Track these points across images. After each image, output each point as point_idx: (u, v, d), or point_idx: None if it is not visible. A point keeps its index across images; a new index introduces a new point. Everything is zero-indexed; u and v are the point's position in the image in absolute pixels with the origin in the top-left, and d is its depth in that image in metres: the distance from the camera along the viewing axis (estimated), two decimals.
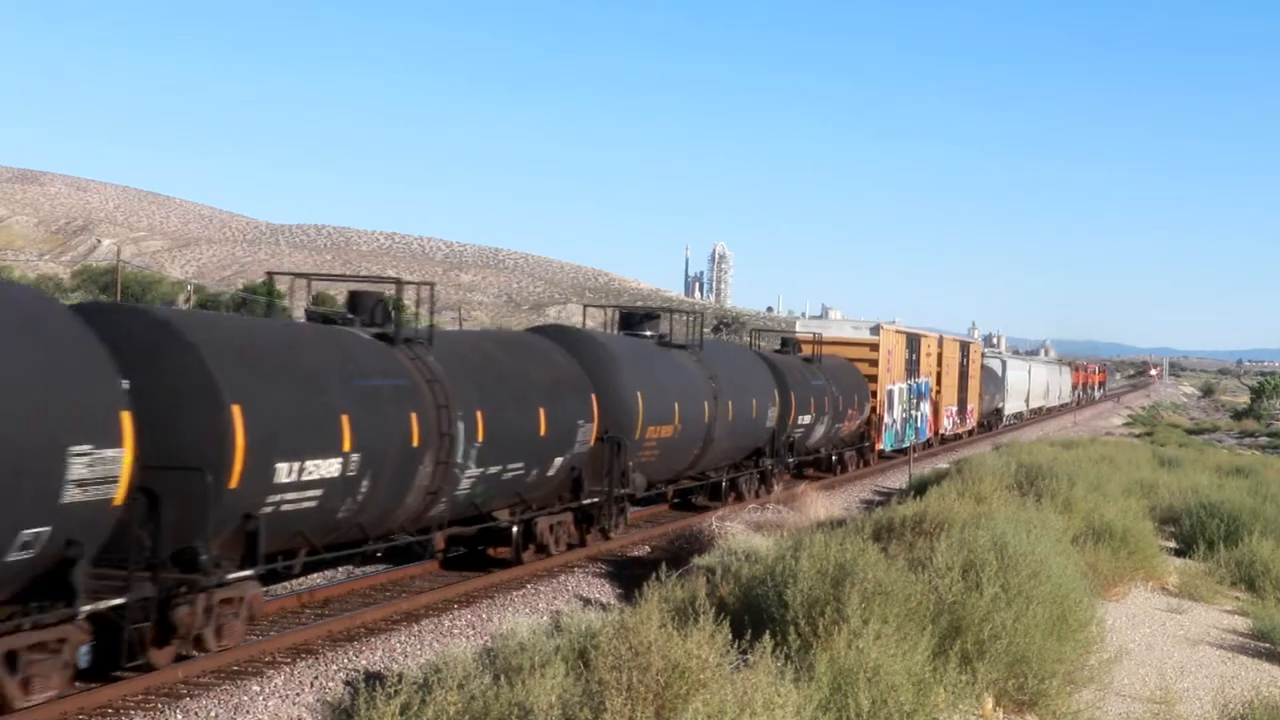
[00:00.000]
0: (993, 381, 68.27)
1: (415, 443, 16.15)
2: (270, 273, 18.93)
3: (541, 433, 19.31)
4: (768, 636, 10.77)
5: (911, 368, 46.23)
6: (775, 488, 31.73)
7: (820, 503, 26.49)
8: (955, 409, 55.33)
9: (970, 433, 60.27)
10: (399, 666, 13.17)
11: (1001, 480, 25.00)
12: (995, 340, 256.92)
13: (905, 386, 45.02)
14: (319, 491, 14.49)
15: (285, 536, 14.44)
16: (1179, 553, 24.77)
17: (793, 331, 40.82)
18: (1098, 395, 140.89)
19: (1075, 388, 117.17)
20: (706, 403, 26.08)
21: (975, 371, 59.96)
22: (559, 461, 20.11)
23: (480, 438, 17.61)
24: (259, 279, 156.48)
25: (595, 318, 30.61)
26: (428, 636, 15.46)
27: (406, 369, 16.63)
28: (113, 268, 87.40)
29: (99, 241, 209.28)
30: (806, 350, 37.13)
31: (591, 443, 21.15)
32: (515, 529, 19.65)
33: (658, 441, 23.75)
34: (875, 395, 41.13)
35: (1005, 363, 76.70)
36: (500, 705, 9.30)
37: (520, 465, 18.96)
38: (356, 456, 14.93)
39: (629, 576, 19.29)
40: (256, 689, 12.86)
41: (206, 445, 12.93)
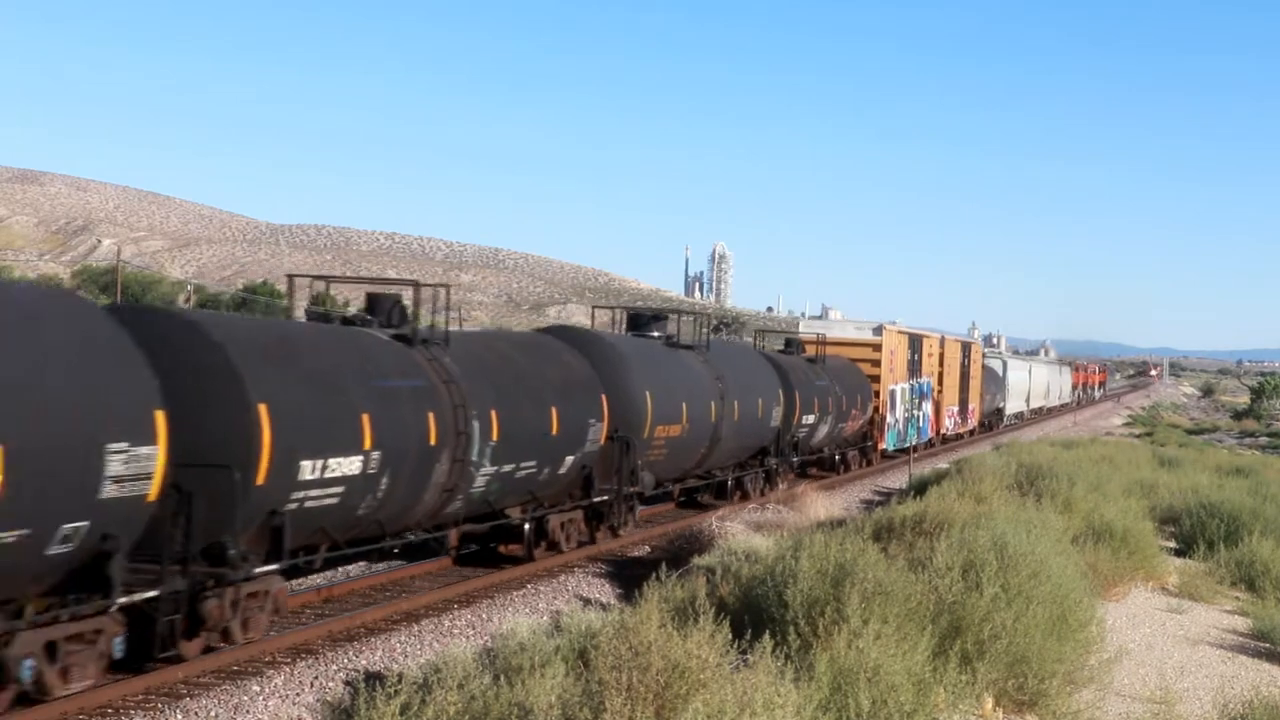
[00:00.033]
0: (994, 381, 68.52)
1: (433, 441, 16.48)
2: (290, 275, 19.44)
3: (554, 432, 19.63)
4: (768, 636, 10.77)
5: (914, 368, 46.44)
6: (780, 487, 31.92)
7: (820, 503, 26.50)
8: (957, 409, 55.56)
9: (971, 432, 60.49)
10: (399, 666, 13.17)
11: (1001, 480, 25.01)
12: (995, 340, 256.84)
13: (907, 386, 45.21)
14: (341, 489, 14.84)
15: (308, 532, 14.79)
16: (1179, 553, 24.77)
17: (796, 332, 41.12)
18: (1098, 395, 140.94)
19: (1075, 388, 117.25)
20: (713, 403, 26.39)
21: (976, 372, 60.27)
22: (570, 460, 20.45)
23: (495, 436, 17.94)
24: (259, 279, 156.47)
25: (599, 318, 30.66)
26: (428, 636, 15.46)
27: (424, 369, 16.97)
28: (113, 268, 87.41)
29: (99, 241, 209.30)
30: (810, 350, 37.32)
31: (602, 442, 21.50)
32: (527, 526, 19.91)
33: (666, 441, 24.06)
34: (878, 395, 41.38)
35: (1006, 363, 77.03)
36: (500, 705, 9.30)
37: (533, 463, 19.28)
38: (377, 455, 15.27)
39: (629, 576, 19.29)
40: (256, 689, 12.86)
41: (234, 443, 13.28)
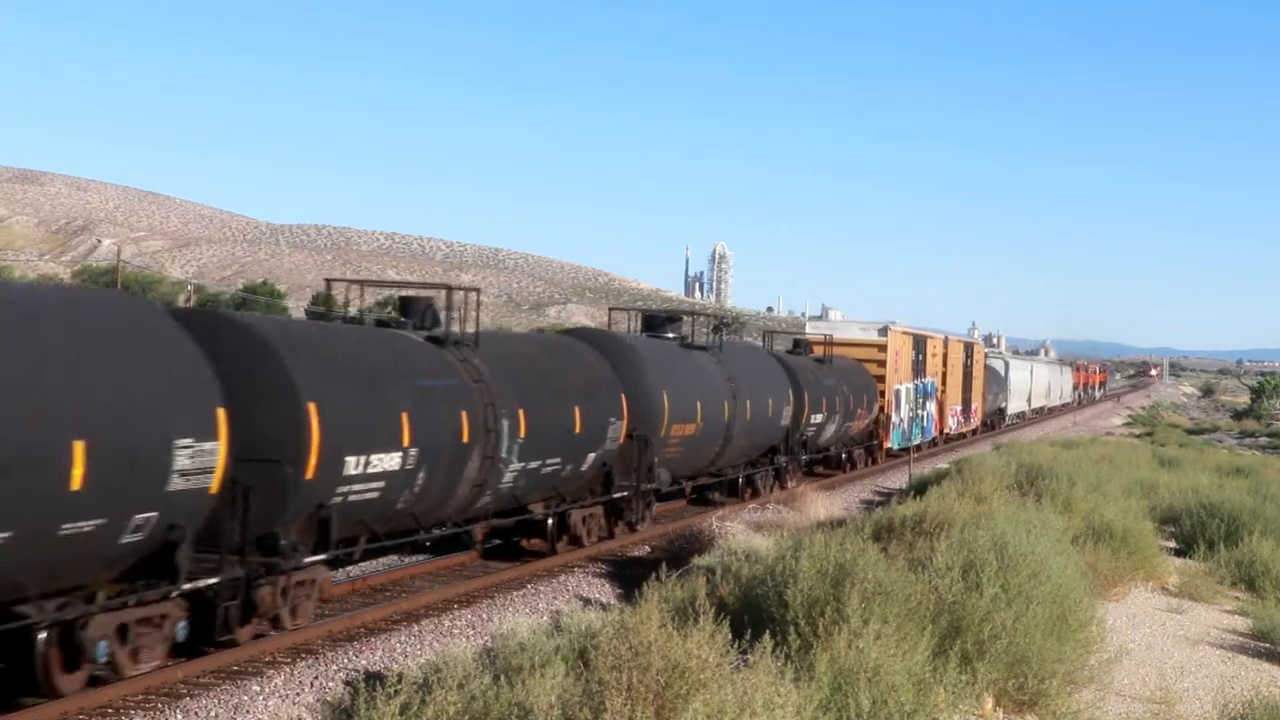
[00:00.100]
0: (996, 381, 69.05)
1: (465, 439, 17.17)
2: (328, 279, 20.47)
3: (577, 430, 20.34)
4: (768, 636, 10.76)
5: (918, 368, 46.87)
6: (789, 484, 32.39)
7: (820, 503, 26.51)
8: (960, 408, 56.02)
9: (974, 432, 60.95)
10: (399, 666, 13.17)
11: (1001, 480, 25.00)
12: (995, 340, 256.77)
13: (912, 386, 45.64)
14: (381, 483, 15.56)
15: (351, 524, 15.48)
16: (1179, 553, 24.77)
17: (804, 333, 41.87)
18: (1098, 395, 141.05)
19: (1076, 388, 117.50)
20: (726, 402, 27.00)
21: (979, 372, 60.77)
22: (592, 457, 21.16)
23: (522, 434, 18.61)
24: (259, 279, 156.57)
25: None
26: (428, 636, 15.47)
27: (456, 370, 17.66)
28: (113, 268, 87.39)
29: (99, 241, 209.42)
30: (818, 351, 37.99)
31: (621, 440, 22.20)
32: (550, 521, 20.65)
33: (681, 439, 24.75)
34: (883, 395, 41.86)
35: (1008, 363, 77.62)
36: (500, 705, 9.29)
37: (557, 460, 19.97)
38: (414, 451, 15.99)
39: (629, 576, 19.29)
40: (256, 689, 12.86)
41: (286, 440, 13.96)
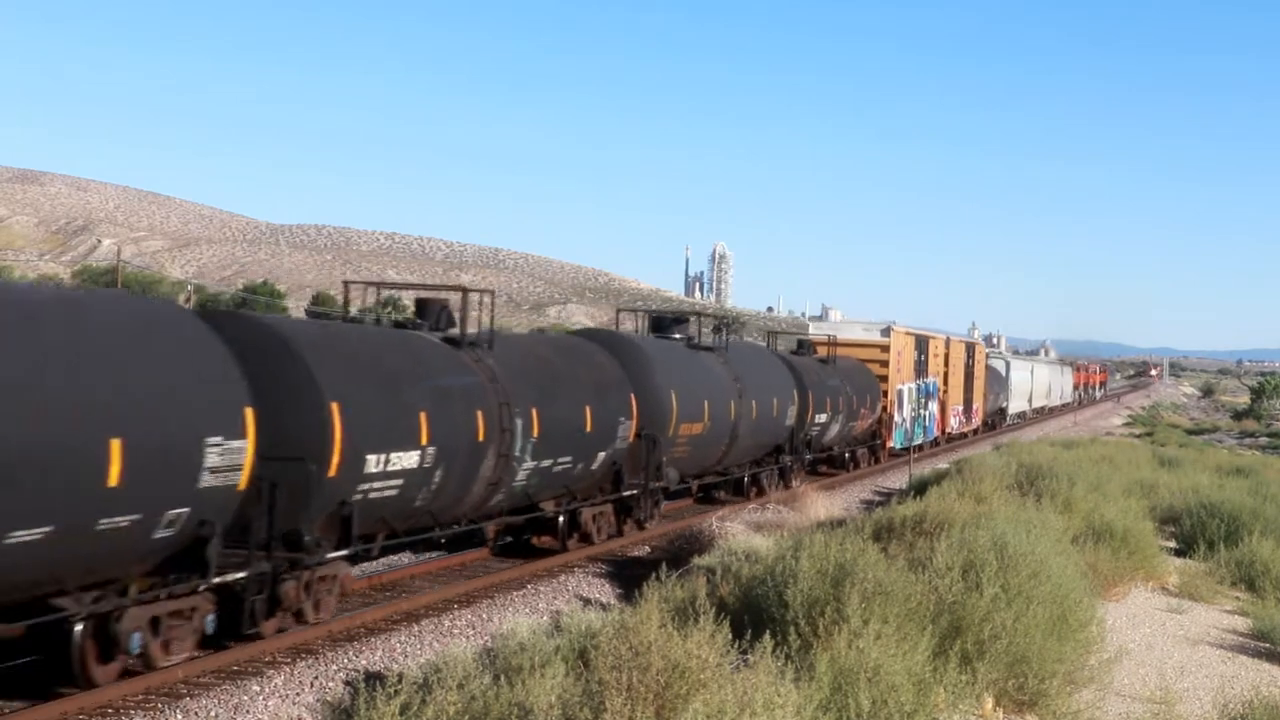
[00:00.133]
0: (997, 381, 69.50)
1: (481, 438, 17.54)
2: (346, 281, 20.50)
3: (588, 429, 20.69)
4: (768, 636, 10.75)
5: (920, 368, 47.25)
6: (794, 483, 32.75)
7: (820, 503, 26.51)
8: (961, 408, 56.39)
9: (975, 431, 61.31)
10: (399, 666, 13.17)
11: (1002, 480, 24.99)
12: (995, 340, 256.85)
13: (914, 386, 46.02)
14: (400, 481, 15.90)
15: (371, 521, 15.80)
16: (1179, 553, 24.75)
17: (807, 333, 42.35)
18: (1098, 395, 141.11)
19: (1077, 388, 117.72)
20: (732, 402, 27.42)
21: (980, 372, 61.19)
22: (602, 456, 21.55)
23: (535, 433, 18.95)
24: (259, 279, 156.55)
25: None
26: (428, 636, 15.47)
27: (472, 370, 18.01)
28: (113, 268, 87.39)
29: (99, 241, 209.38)
30: (822, 351, 38.36)
31: (631, 439, 22.57)
32: (561, 519, 21.04)
33: (689, 438, 25.16)
34: (886, 395, 42.28)
35: (1009, 363, 78.14)
36: (500, 705, 9.29)
37: (569, 459, 20.33)
38: (432, 450, 16.34)
39: (629, 576, 19.29)
40: (256, 689, 12.86)
41: (310, 439, 14.29)
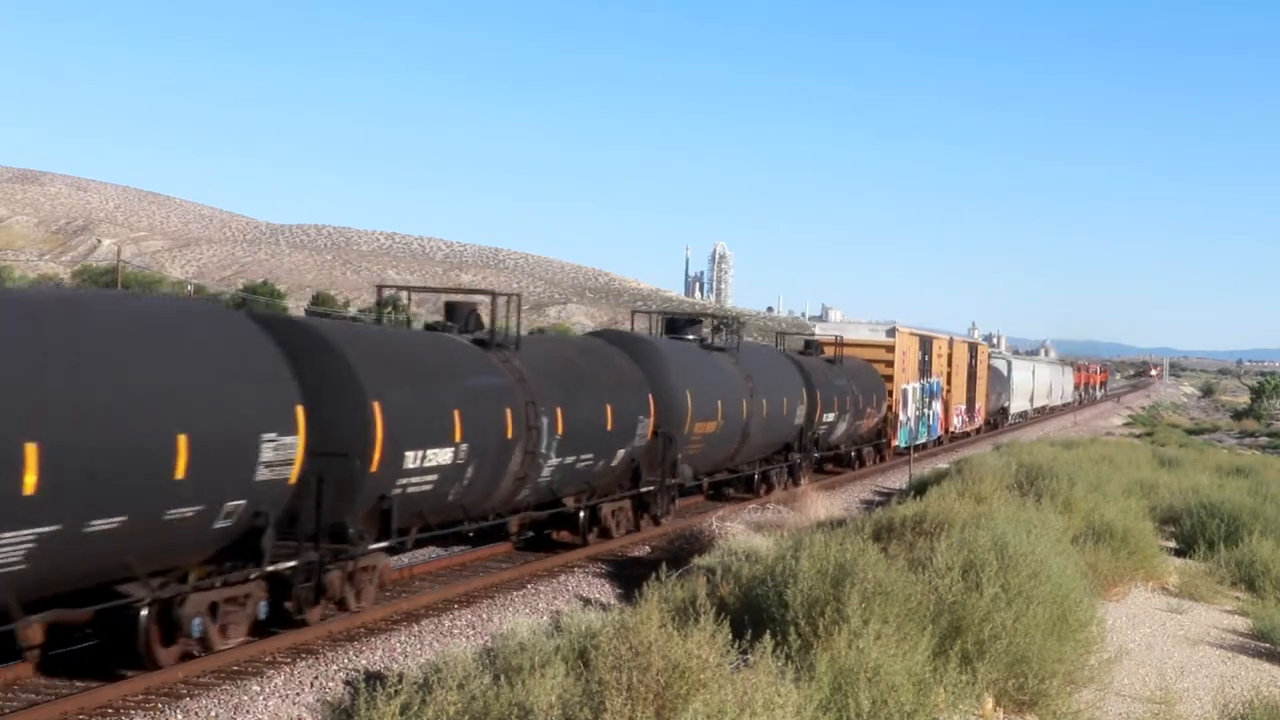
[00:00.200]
0: (999, 381, 70.31)
1: (509, 435, 18.25)
2: (380, 285, 21.78)
3: (608, 427, 21.42)
4: (768, 636, 10.75)
5: (924, 368, 47.92)
6: (802, 480, 33.30)
7: (820, 503, 26.51)
8: (964, 407, 57.12)
9: (978, 430, 62.05)
10: (399, 666, 13.16)
11: (1002, 480, 25.00)
12: (995, 340, 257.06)
13: (918, 386, 46.66)
14: (435, 476, 16.59)
15: (409, 515, 16.50)
16: (1179, 553, 24.76)
17: (814, 334, 43.48)
18: (1099, 395, 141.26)
19: (1077, 387, 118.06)
20: (744, 401, 28.11)
21: (983, 372, 61.98)
22: (621, 453, 22.27)
23: (560, 431, 19.65)
24: (259, 279, 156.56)
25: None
26: (428, 636, 15.46)
27: (500, 370, 18.73)
28: (113, 268, 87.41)
29: (99, 241, 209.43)
30: (828, 352, 39.09)
31: (648, 437, 23.27)
32: (582, 514, 21.70)
33: (703, 436, 25.85)
34: (891, 394, 42.95)
35: (1011, 363, 79.02)
36: (500, 705, 9.29)
37: (591, 456, 21.06)
38: (465, 446, 17.02)
39: (629, 576, 19.29)
40: (256, 689, 12.85)
41: (354, 435, 14.96)
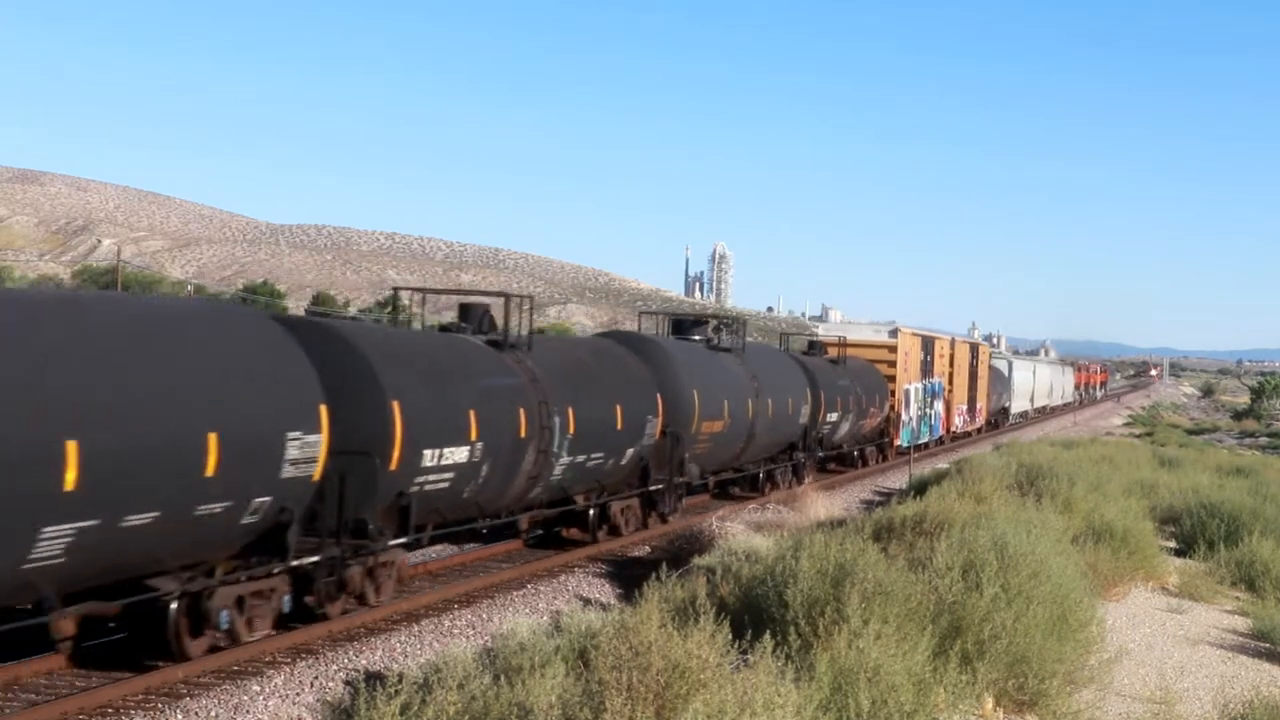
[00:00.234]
0: (1000, 381, 70.72)
1: (523, 434, 18.61)
2: (396, 288, 22.50)
3: (618, 426, 21.76)
4: (768, 636, 10.75)
5: (926, 368, 48.31)
6: (807, 479, 33.78)
7: (820, 503, 26.52)
8: (966, 407, 57.47)
9: (979, 430, 62.37)
10: (399, 666, 13.17)
11: (1002, 480, 25.00)
12: (995, 340, 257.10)
13: (921, 386, 47.04)
14: (451, 474, 16.95)
15: (426, 511, 16.80)
16: (1179, 553, 24.76)
17: (818, 335, 44.10)
18: (1099, 395, 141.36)
19: (1078, 387, 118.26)
20: (750, 401, 28.53)
21: (984, 372, 62.35)
22: (631, 452, 22.58)
23: (571, 430, 19.99)
24: (259, 279, 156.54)
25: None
26: (428, 636, 15.46)
27: (514, 371, 19.11)
28: (113, 268, 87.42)
29: (99, 241, 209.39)
30: (832, 352, 39.48)
31: (657, 436, 23.63)
32: (592, 512, 22.03)
33: (710, 436, 26.26)
34: (894, 394, 43.31)
35: (1011, 364, 79.63)
36: (500, 705, 9.29)
37: (601, 455, 21.36)
38: (480, 445, 17.41)
39: (629, 576, 19.29)
40: (256, 689, 12.85)
41: (374, 434, 15.34)
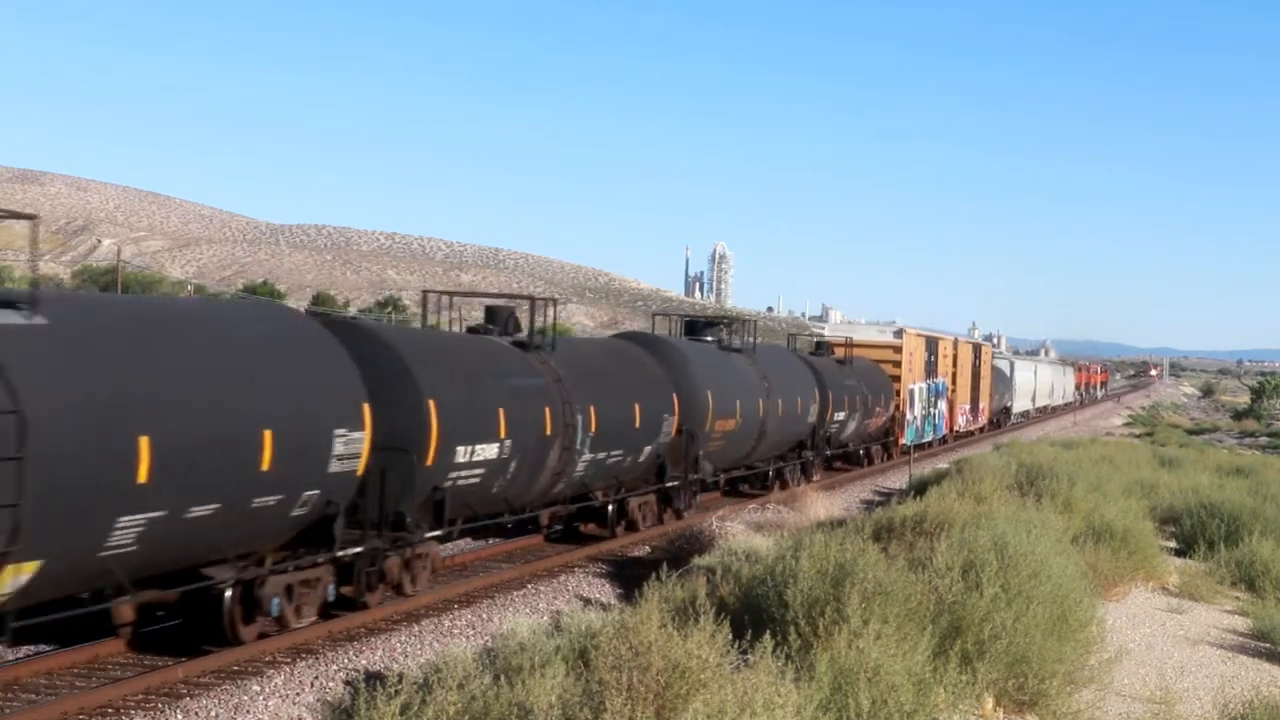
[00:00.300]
0: (1002, 381, 71.24)
1: (548, 432, 19.29)
2: (426, 291, 22.48)
3: (636, 425, 22.44)
4: (768, 636, 10.76)
5: (930, 368, 48.78)
6: (815, 477, 34.41)
7: (820, 503, 26.52)
8: (968, 407, 57.95)
9: (982, 429, 62.89)
10: (399, 666, 13.17)
11: (1002, 480, 24.99)
12: (996, 340, 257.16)
13: (925, 386, 47.48)
14: (482, 470, 17.64)
15: (458, 505, 17.41)
16: (1179, 553, 24.76)
17: (825, 336, 44.67)
18: (1099, 395, 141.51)
19: (1078, 387, 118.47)
20: (760, 400, 29.14)
21: (986, 372, 62.82)
22: (648, 449, 23.30)
23: (593, 429, 20.62)
24: (259, 279, 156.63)
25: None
26: (428, 636, 15.47)
27: (539, 371, 19.75)
28: (113, 268, 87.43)
29: (99, 241, 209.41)
30: (839, 353, 40.03)
31: (673, 434, 24.30)
32: (610, 507, 22.67)
33: (723, 434, 26.86)
34: (899, 394, 43.76)
35: (1013, 364, 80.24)
36: (500, 705, 9.29)
37: (620, 452, 22.04)
38: (509, 442, 18.10)
39: (629, 576, 19.30)
40: (256, 689, 12.86)
41: (411, 431, 15.97)
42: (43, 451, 10.58)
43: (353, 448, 14.72)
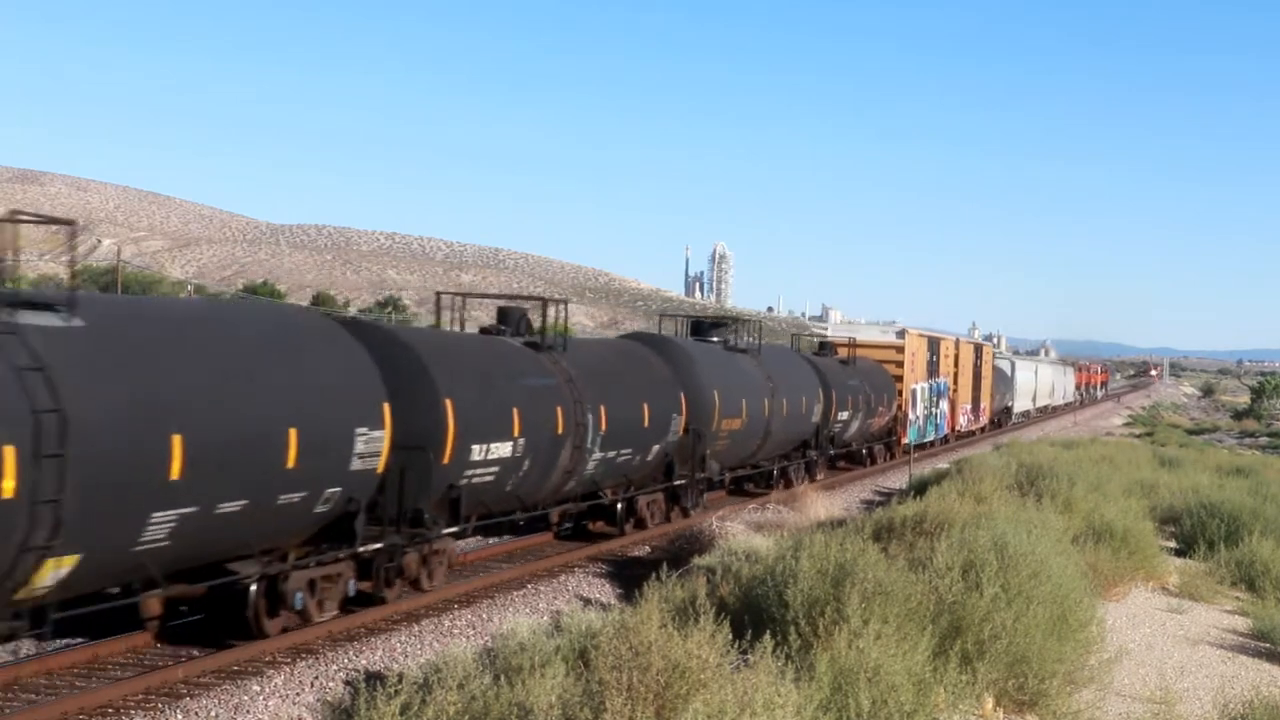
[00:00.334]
0: (1003, 381, 71.49)
1: (560, 431, 19.61)
2: (439, 292, 22.98)
3: (645, 424, 22.80)
4: (768, 636, 10.76)
5: (932, 369, 49.02)
6: (819, 477, 34.81)
7: (820, 503, 26.52)
8: (970, 407, 58.16)
9: (983, 429, 63.14)
10: (399, 666, 13.17)
11: (1002, 480, 24.99)
12: (996, 340, 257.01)
13: (927, 386, 47.70)
14: (497, 468, 17.98)
15: (473, 503, 17.75)
16: (1179, 553, 24.75)
17: (828, 336, 45.14)
18: (1100, 395, 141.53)
19: (1079, 387, 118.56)
20: (765, 400, 29.52)
21: (987, 372, 63.05)
22: (656, 448, 23.64)
23: (603, 428, 20.92)
24: (259, 279, 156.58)
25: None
26: (428, 636, 15.46)
27: (551, 371, 20.08)
28: (113, 268, 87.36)
29: (99, 241, 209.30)
30: (842, 353, 40.42)
31: (680, 433, 24.61)
32: (619, 505, 22.97)
33: (729, 433, 27.24)
34: (901, 394, 43.99)
35: (1014, 364, 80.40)
36: (500, 705, 9.29)
37: (629, 451, 22.37)
38: (523, 441, 18.45)
39: (629, 576, 19.30)
40: (256, 689, 12.86)
41: (429, 430, 16.29)
42: (82, 449, 10.88)
43: (374, 446, 15.08)
